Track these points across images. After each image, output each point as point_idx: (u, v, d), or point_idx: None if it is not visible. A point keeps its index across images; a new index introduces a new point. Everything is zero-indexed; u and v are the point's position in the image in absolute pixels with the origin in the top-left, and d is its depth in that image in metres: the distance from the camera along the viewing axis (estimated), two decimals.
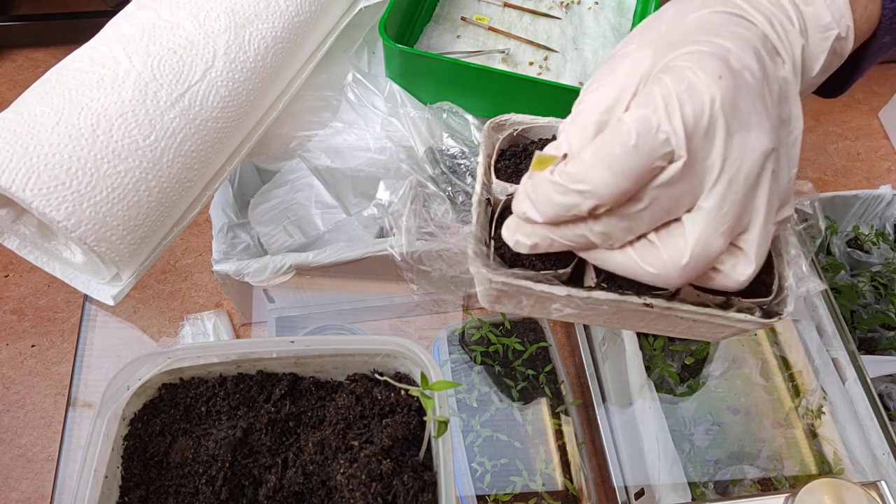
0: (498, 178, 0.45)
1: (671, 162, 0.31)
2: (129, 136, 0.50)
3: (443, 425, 0.46)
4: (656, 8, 0.73)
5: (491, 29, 0.77)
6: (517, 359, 0.76)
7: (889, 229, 0.98)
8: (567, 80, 0.73)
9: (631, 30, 0.77)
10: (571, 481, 0.69)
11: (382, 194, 0.66)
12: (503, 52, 0.75)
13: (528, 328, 0.79)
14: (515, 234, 0.36)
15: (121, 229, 0.50)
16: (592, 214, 0.33)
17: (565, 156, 0.34)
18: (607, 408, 0.72)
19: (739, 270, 0.34)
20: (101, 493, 0.47)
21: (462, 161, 0.67)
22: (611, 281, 0.41)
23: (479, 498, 0.68)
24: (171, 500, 0.49)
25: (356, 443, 0.50)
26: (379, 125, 0.70)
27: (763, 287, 0.41)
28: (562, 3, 0.81)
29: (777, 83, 0.35)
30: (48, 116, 0.49)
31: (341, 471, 0.48)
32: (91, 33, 0.55)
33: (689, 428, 0.72)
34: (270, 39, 0.58)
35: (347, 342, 0.55)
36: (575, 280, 0.42)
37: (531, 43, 0.76)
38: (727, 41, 0.34)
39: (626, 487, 0.67)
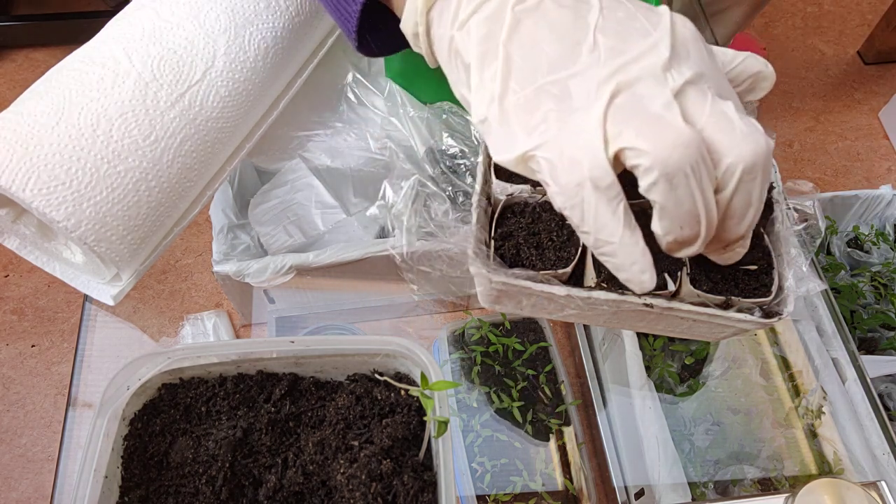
0: (498, 177, 0.45)
1: None
2: (129, 136, 0.50)
3: (443, 425, 0.46)
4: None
5: None
6: (517, 359, 0.76)
7: (889, 229, 0.98)
8: None
9: None
10: (571, 481, 0.69)
11: (387, 194, 0.66)
12: None
13: (528, 328, 0.79)
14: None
15: (121, 229, 0.50)
16: None
17: None
18: (607, 408, 0.72)
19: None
20: (101, 493, 0.47)
21: (462, 161, 0.67)
22: (611, 281, 0.41)
23: (479, 498, 0.68)
24: (171, 500, 0.49)
25: (356, 443, 0.50)
26: (379, 125, 0.70)
27: (763, 287, 0.41)
28: None
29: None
30: (48, 116, 0.49)
31: (341, 471, 0.48)
32: (91, 33, 0.55)
33: (689, 428, 0.72)
34: (270, 39, 0.58)
35: (347, 342, 0.55)
36: (575, 280, 0.42)
37: None
38: None
39: (626, 487, 0.67)
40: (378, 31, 0.45)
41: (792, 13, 1.54)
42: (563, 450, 0.71)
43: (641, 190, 0.31)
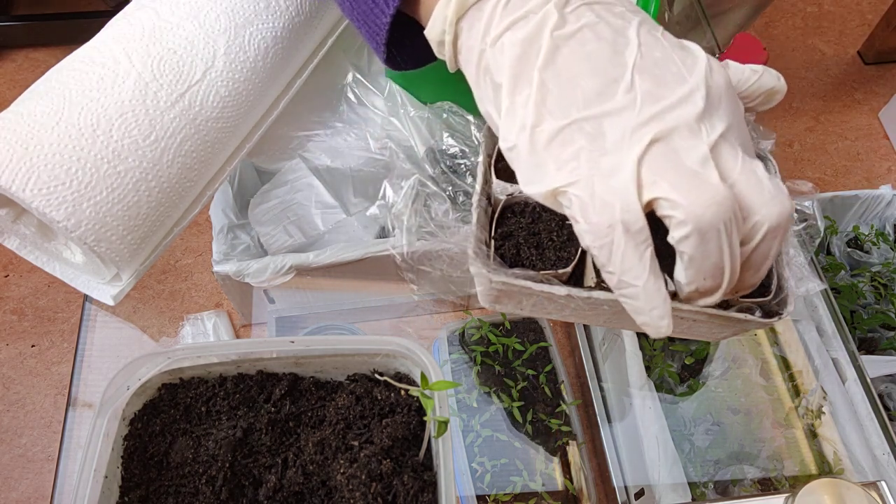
0: (498, 177, 0.45)
1: None
2: (129, 136, 0.50)
3: (443, 425, 0.46)
4: (656, 9, 0.72)
5: None
6: (517, 359, 0.76)
7: (889, 229, 0.98)
8: None
9: None
10: (571, 481, 0.69)
11: (387, 194, 0.66)
12: None
13: (528, 328, 0.79)
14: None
15: (121, 229, 0.50)
16: None
17: None
18: (607, 408, 0.72)
19: None
20: (101, 493, 0.47)
21: (462, 161, 0.67)
22: None
23: (479, 498, 0.68)
24: (171, 500, 0.49)
25: (356, 443, 0.50)
26: (379, 125, 0.70)
27: (763, 287, 0.41)
28: None
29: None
30: (48, 116, 0.49)
31: (341, 471, 0.48)
32: (91, 33, 0.55)
33: (689, 428, 0.72)
34: (270, 39, 0.58)
35: (347, 342, 0.55)
36: (575, 280, 0.42)
37: None
38: None
39: (626, 487, 0.67)
40: (404, 45, 0.45)
41: (792, 13, 1.54)
42: (562, 450, 0.71)
43: (672, 240, 0.32)
